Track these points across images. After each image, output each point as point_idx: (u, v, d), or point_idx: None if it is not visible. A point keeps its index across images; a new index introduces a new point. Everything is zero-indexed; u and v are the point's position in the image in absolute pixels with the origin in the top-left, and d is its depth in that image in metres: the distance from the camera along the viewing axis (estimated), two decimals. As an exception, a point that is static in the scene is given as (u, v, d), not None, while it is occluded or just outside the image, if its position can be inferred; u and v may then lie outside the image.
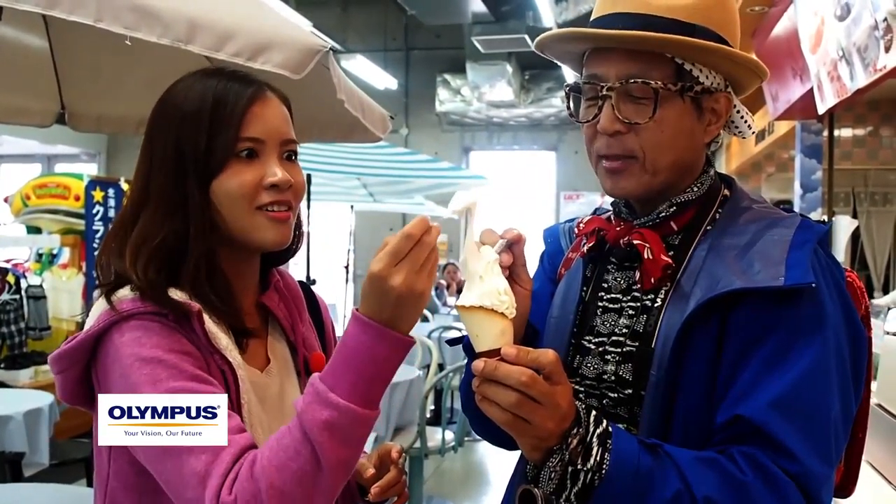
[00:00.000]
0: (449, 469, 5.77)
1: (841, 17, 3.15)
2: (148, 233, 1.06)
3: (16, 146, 10.55)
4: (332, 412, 0.89)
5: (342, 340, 0.93)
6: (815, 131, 5.85)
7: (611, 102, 1.05)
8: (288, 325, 1.18)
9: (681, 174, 1.10)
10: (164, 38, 1.66)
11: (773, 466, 0.91)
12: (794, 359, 0.96)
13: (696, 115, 1.08)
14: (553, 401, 0.89)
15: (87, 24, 1.61)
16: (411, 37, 11.41)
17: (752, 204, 1.12)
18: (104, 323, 0.99)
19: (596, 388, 1.12)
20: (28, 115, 3.04)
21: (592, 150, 1.12)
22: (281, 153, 1.10)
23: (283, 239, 1.10)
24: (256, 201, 1.06)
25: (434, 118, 11.47)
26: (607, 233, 1.16)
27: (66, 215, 6.46)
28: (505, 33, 8.91)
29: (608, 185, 1.11)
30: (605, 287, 1.17)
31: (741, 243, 1.04)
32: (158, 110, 1.10)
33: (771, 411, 0.93)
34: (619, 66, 1.05)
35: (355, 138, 2.92)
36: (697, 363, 1.00)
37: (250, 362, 1.10)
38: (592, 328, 1.15)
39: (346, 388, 0.91)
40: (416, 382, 4.26)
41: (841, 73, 3.31)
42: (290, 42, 1.89)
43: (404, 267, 0.89)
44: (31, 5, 1.53)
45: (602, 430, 0.93)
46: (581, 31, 1.07)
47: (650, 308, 1.08)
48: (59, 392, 1.05)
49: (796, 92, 4.92)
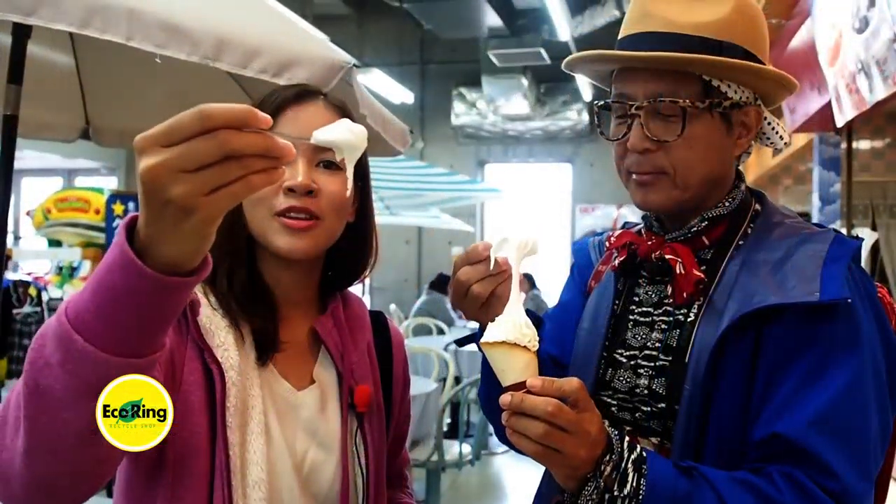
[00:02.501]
0: (466, 482, 5.75)
1: (859, 30, 3.15)
2: None
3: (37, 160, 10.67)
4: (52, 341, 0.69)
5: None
6: (832, 143, 5.82)
7: (640, 121, 1.06)
8: (337, 354, 1.13)
9: (711, 188, 1.11)
10: (193, 55, 1.69)
11: (812, 485, 0.91)
12: (831, 375, 0.96)
13: (726, 129, 1.09)
14: (581, 428, 0.90)
15: (113, 42, 1.64)
16: (427, 51, 11.47)
17: (785, 219, 1.13)
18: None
19: (628, 401, 1.11)
20: (53, 130, 3.08)
21: (623, 166, 1.13)
22: (315, 160, 1.05)
23: (297, 250, 1.04)
24: (273, 205, 1.03)
25: (450, 131, 11.51)
26: (639, 247, 1.16)
27: (86, 228, 6.53)
28: (520, 47, 8.94)
29: (638, 197, 1.12)
30: (637, 300, 1.17)
31: (774, 258, 1.04)
32: None
33: (810, 429, 0.93)
34: (646, 86, 1.06)
35: (376, 152, 2.95)
36: (732, 378, 1.00)
37: (286, 375, 1.09)
38: (624, 341, 1.15)
39: (74, 310, 0.69)
40: (433, 395, 4.26)
41: (860, 85, 3.30)
42: (315, 58, 1.92)
43: (165, 155, 0.63)
44: (65, 24, 1.56)
45: (637, 456, 0.93)
46: (608, 54, 1.09)
47: (683, 322, 1.08)
48: None
49: (814, 104, 4.90)
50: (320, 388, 1.12)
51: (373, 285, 11.44)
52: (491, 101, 10.38)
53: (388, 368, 1.24)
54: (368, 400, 1.12)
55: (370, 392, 1.13)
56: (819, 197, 5.93)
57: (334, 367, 1.13)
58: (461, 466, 4.45)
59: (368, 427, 1.13)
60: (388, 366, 1.24)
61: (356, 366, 1.15)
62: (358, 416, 1.11)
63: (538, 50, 8.86)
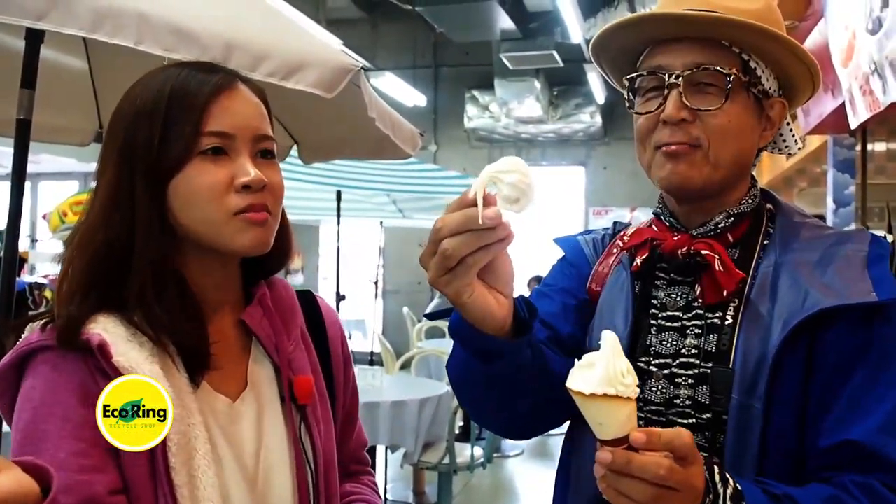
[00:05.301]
0: (478, 485, 5.74)
1: (873, 31, 3.12)
2: (85, 240, 0.95)
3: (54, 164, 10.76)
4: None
5: None
6: (847, 146, 5.77)
7: (678, 90, 1.03)
8: (271, 346, 1.05)
9: (736, 176, 1.08)
10: (202, 59, 1.70)
11: (889, 495, 0.89)
12: (895, 376, 0.93)
13: (758, 115, 1.07)
14: (690, 484, 0.83)
15: (125, 46, 1.65)
16: (440, 54, 11.48)
17: (805, 218, 1.10)
18: (8, 358, 0.91)
19: (663, 413, 1.05)
20: (68, 134, 3.11)
21: (650, 141, 1.07)
22: (254, 151, 0.98)
23: (262, 242, 0.98)
24: (229, 206, 0.95)
25: (463, 134, 11.51)
26: (662, 243, 1.10)
27: (101, 231, 6.58)
28: (533, 50, 8.92)
29: (665, 170, 1.05)
30: (657, 304, 1.11)
31: (813, 259, 1.02)
32: (116, 108, 0.99)
33: (883, 434, 0.90)
34: (686, 56, 1.03)
35: (385, 155, 2.96)
36: (787, 384, 0.96)
37: (221, 389, 1.01)
38: (647, 348, 1.09)
39: None
40: (445, 398, 4.26)
41: (873, 86, 3.27)
42: (323, 61, 1.93)
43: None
44: (75, 29, 1.57)
45: (732, 491, 0.88)
46: (658, 13, 1.04)
47: (719, 326, 1.03)
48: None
49: (828, 106, 4.86)
50: (256, 389, 1.04)
51: (386, 288, 11.45)
52: (504, 103, 10.37)
53: (326, 350, 1.15)
54: (310, 390, 1.05)
55: (311, 382, 1.05)
56: (833, 199, 5.89)
57: (269, 361, 1.06)
58: (473, 469, 4.44)
59: (313, 418, 1.05)
60: (324, 347, 1.14)
61: (292, 356, 1.07)
62: (300, 408, 1.04)
63: (551, 53, 8.84)
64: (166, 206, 0.95)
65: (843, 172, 5.78)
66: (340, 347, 1.18)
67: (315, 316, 1.17)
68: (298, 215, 7.29)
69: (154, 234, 0.94)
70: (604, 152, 11.28)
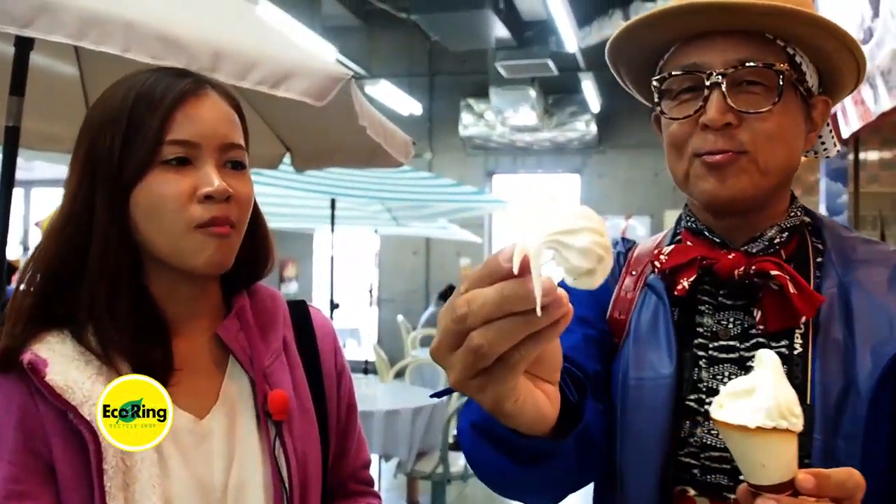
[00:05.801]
0: (472, 495, 5.71)
1: (864, 41, 3.13)
2: (42, 253, 0.93)
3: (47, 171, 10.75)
4: None
5: None
6: (839, 154, 5.79)
7: (721, 91, 0.90)
8: (246, 359, 1.00)
9: (783, 186, 0.96)
10: (190, 67, 1.70)
11: None
12: None
13: (805, 115, 0.96)
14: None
15: (115, 54, 1.65)
16: (435, 62, 11.50)
17: (849, 232, 1.01)
18: None
19: (725, 460, 0.90)
20: (60, 142, 3.09)
21: (687, 149, 0.94)
22: (222, 160, 0.94)
23: (218, 263, 0.93)
24: (191, 217, 0.90)
25: (458, 142, 11.52)
26: (715, 262, 0.95)
27: (94, 239, 6.56)
28: (528, 58, 8.96)
29: (711, 184, 0.92)
30: (705, 333, 0.97)
31: (883, 278, 0.92)
32: (86, 114, 0.96)
33: None
34: (727, 52, 0.91)
35: (377, 163, 2.96)
36: (882, 420, 0.86)
37: (189, 406, 0.96)
38: (695, 384, 0.95)
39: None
40: (439, 407, 4.25)
41: (864, 96, 3.28)
42: (313, 70, 1.93)
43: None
44: (61, 36, 1.57)
45: None
46: (704, 2, 0.89)
47: (789, 357, 0.91)
48: None
49: (821, 115, 4.88)
50: (227, 403, 0.99)
51: (381, 296, 11.44)
52: (499, 112, 10.39)
53: (316, 364, 1.09)
54: (285, 405, 0.99)
55: (286, 397, 1.00)
56: (826, 208, 5.90)
57: (247, 375, 1.01)
58: (467, 479, 4.42)
59: (288, 435, 1.00)
60: (314, 361, 1.09)
61: (270, 369, 1.02)
62: (276, 424, 0.99)
63: (546, 61, 8.88)
64: (128, 218, 0.92)
65: (835, 181, 5.79)
66: (333, 360, 1.13)
67: (307, 328, 1.11)
68: (292, 223, 7.28)
69: (111, 246, 0.91)
70: (599, 160, 11.31)
